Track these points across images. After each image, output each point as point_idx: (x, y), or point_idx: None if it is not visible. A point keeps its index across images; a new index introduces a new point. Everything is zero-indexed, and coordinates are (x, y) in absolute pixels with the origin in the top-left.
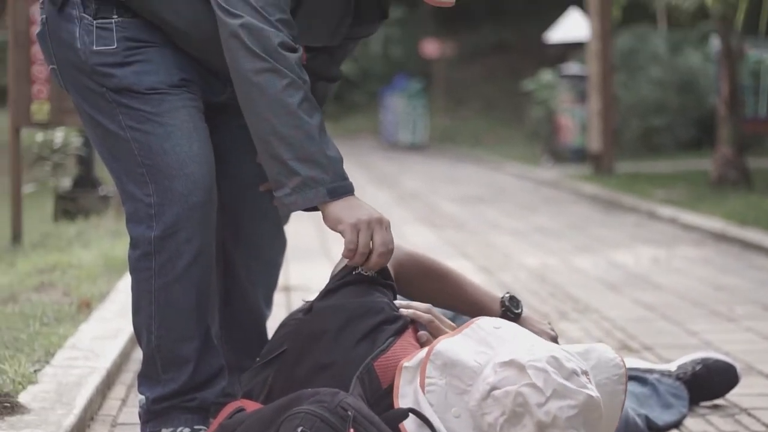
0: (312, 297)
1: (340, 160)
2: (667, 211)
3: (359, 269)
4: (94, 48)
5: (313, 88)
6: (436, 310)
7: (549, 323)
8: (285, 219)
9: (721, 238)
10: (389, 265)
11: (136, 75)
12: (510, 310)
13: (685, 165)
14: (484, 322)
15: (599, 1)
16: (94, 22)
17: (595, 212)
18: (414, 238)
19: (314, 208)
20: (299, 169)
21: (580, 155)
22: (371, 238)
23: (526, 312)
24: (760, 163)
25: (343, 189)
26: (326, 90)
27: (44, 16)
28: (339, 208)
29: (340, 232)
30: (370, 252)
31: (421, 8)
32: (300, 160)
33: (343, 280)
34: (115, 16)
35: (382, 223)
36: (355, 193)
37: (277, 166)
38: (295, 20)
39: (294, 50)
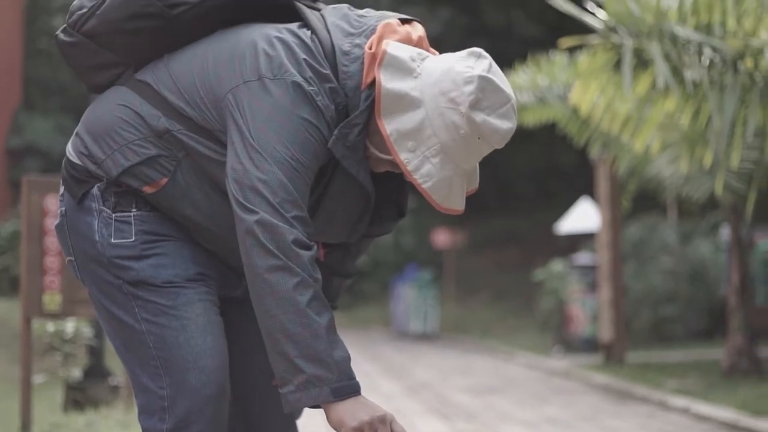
0: None
1: (347, 359)
2: (679, 401)
3: None
4: (112, 241)
5: (327, 283)
6: None
7: None
8: (297, 413)
9: (733, 428)
10: None
11: (153, 268)
12: None
13: (696, 354)
14: None
15: (609, 191)
16: (113, 215)
17: (606, 402)
18: (425, 430)
19: (319, 406)
20: (305, 367)
21: (591, 345)
22: None
23: None
24: None
25: (348, 389)
26: (340, 285)
27: (63, 208)
28: (342, 408)
29: None
30: None
31: None
32: (306, 358)
33: None
34: (134, 210)
35: (386, 422)
36: (365, 384)
37: (284, 363)
38: (314, 217)
39: (308, 247)
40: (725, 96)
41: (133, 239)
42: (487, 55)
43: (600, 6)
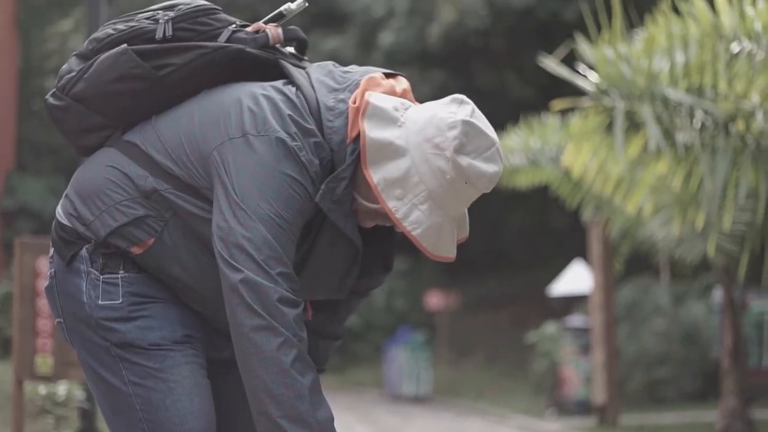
0: None
1: (331, 420)
2: None
3: None
4: (100, 302)
5: (314, 346)
6: None
7: None
8: None
9: None
10: None
11: (140, 331)
12: None
13: (690, 417)
14: None
15: (602, 253)
16: (101, 277)
17: None
18: None
19: None
20: (287, 427)
21: (584, 407)
22: None
23: None
24: (766, 414)
25: None
26: (329, 347)
27: (53, 269)
28: None
29: None
30: None
31: (425, 260)
32: (289, 418)
33: None
34: (122, 272)
35: None
36: None
37: (267, 423)
38: (302, 272)
39: (294, 305)
40: (717, 158)
41: (120, 301)
42: (470, 101)
43: (592, 69)
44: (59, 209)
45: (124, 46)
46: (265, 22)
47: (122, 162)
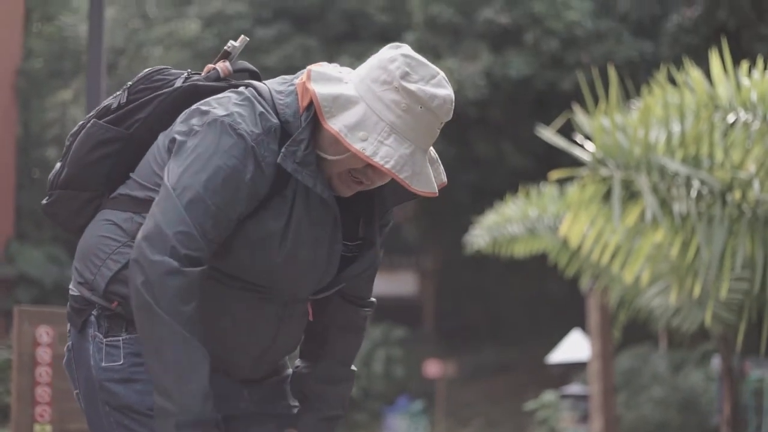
0: None
1: (198, 395)
2: None
3: None
4: (103, 365)
5: (324, 392)
6: None
7: None
8: None
9: None
10: None
11: (139, 395)
12: None
13: None
14: None
15: (600, 322)
16: (105, 340)
17: None
18: None
19: None
20: (156, 399)
21: None
22: None
23: None
24: None
25: (189, 423)
26: (339, 392)
27: (70, 342)
28: None
29: None
30: None
31: (424, 328)
32: (158, 391)
33: None
34: (124, 333)
35: None
36: None
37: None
38: (289, 246)
39: (180, 272)
40: (714, 228)
41: (121, 362)
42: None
43: (589, 138)
44: (71, 284)
45: (93, 119)
46: (214, 63)
47: (110, 215)
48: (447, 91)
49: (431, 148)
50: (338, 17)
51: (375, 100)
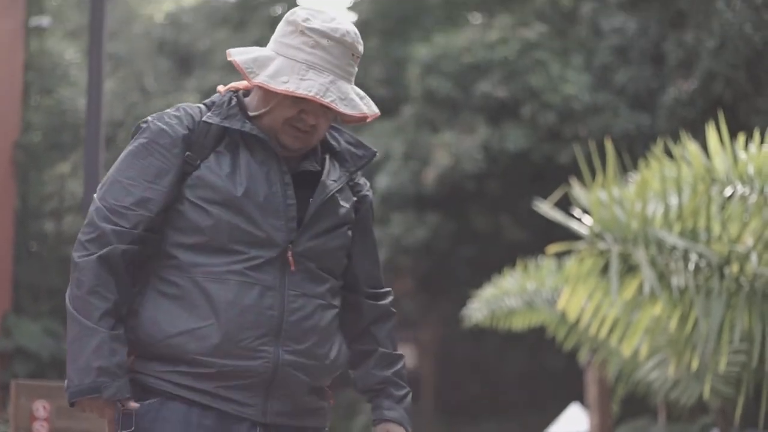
0: None
1: (87, 370)
2: None
3: None
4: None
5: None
6: None
7: None
8: None
9: None
10: None
11: None
12: None
13: None
14: None
15: (598, 395)
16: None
17: None
18: None
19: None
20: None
21: None
22: None
23: None
24: None
25: (78, 394)
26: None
27: None
28: (81, 407)
29: None
30: None
31: (423, 402)
32: (68, 362)
33: None
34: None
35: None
36: None
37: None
38: (243, 196)
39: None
40: (711, 301)
41: (132, 428)
42: None
43: (586, 212)
44: None
45: None
46: None
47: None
48: (348, 25)
49: (358, 90)
50: None
51: (287, 48)
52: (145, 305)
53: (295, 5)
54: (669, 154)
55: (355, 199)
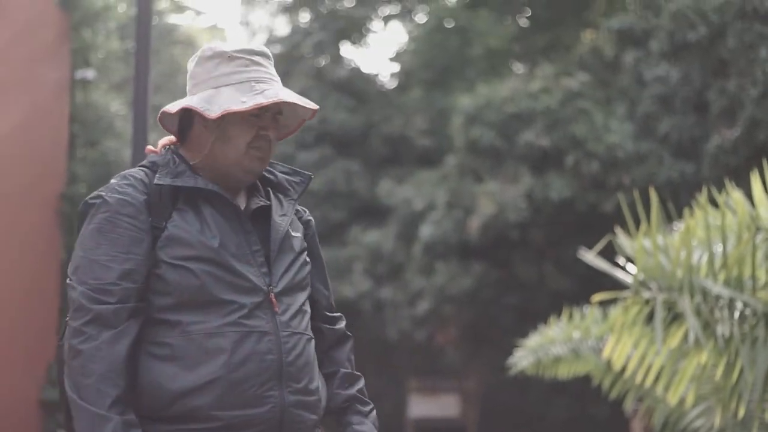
0: None
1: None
2: None
3: None
4: None
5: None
6: None
7: None
8: None
9: None
10: None
11: None
12: None
13: None
14: None
15: None
16: None
17: None
18: None
19: None
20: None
21: None
22: None
23: None
24: None
25: None
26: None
27: None
28: None
29: None
30: None
31: None
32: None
33: None
34: None
35: None
36: None
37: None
38: (217, 246)
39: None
40: (757, 349)
41: None
42: None
43: (630, 261)
44: None
45: None
46: None
47: None
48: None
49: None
50: (380, 141)
51: (224, 78)
52: (142, 371)
53: (339, 57)
54: (713, 202)
55: (301, 226)
